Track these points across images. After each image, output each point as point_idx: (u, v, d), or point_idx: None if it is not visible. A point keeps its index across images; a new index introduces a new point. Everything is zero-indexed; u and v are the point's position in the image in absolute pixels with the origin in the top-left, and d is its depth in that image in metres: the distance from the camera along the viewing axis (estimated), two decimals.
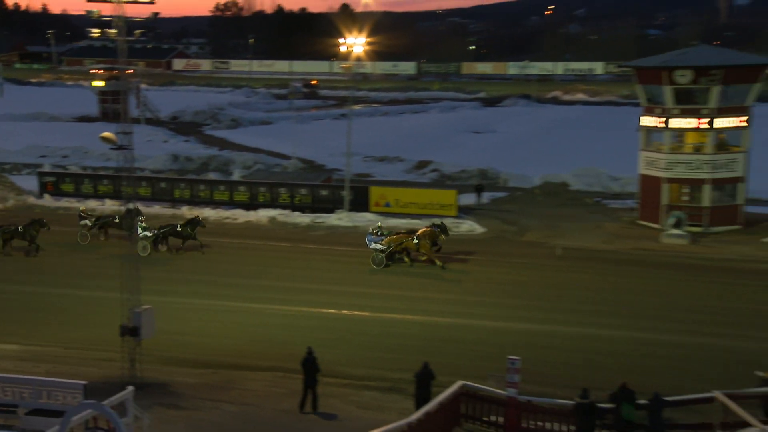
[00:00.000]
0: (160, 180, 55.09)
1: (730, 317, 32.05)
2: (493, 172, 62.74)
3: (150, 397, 24.35)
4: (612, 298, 34.40)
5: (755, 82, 45.41)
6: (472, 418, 23.33)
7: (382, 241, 38.74)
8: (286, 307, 33.15)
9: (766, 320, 31.59)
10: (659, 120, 45.87)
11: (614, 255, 41.11)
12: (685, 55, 47.43)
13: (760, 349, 28.21)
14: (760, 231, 44.31)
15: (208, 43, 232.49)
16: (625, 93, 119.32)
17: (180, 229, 41.18)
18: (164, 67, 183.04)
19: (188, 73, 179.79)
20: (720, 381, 23.81)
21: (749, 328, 30.78)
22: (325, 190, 51.06)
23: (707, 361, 27.67)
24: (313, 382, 24.09)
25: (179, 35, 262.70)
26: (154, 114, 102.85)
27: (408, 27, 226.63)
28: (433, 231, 38.74)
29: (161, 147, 79.19)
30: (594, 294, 34.97)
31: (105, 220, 43.54)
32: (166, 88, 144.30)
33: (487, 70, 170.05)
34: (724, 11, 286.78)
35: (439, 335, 29.99)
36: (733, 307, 33.23)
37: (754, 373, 23.75)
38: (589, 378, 22.44)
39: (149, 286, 28.41)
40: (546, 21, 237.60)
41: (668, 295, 34.71)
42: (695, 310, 32.91)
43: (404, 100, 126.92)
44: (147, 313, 25.85)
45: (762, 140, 51.02)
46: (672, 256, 40.25)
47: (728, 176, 45.32)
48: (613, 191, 57.26)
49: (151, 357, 26.71)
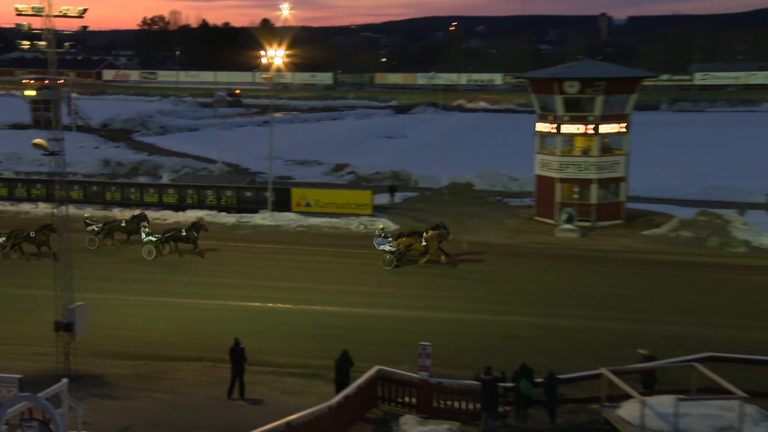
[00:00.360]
0: (92, 184, 53.84)
1: (614, 302, 32.86)
2: (405, 174, 63.01)
3: (84, 389, 23.86)
4: (512, 288, 34.92)
5: (633, 92, 46.71)
6: (388, 399, 23.46)
7: (391, 243, 38.05)
8: (214, 301, 32.75)
9: (645, 304, 32.50)
10: (552, 126, 46.67)
11: (514, 248, 41.72)
12: (572, 68, 48.38)
13: (640, 330, 29.09)
14: (639, 225, 45.55)
15: (137, 55, 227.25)
16: (522, 101, 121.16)
17: (185, 233, 40.04)
18: (94, 78, 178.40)
19: (118, 83, 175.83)
20: (606, 359, 24.34)
21: (631, 311, 31.64)
22: (250, 192, 50.61)
23: (595, 342, 28.31)
24: (240, 371, 23.90)
25: (109, 47, 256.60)
26: (85, 121, 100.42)
27: (324, 40, 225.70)
28: (441, 233, 38.12)
29: (93, 153, 77.18)
30: (496, 284, 35.44)
31: (111, 225, 42.18)
32: (97, 97, 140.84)
33: (398, 80, 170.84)
34: (605, 30, 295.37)
35: (356, 325, 30.02)
36: (617, 293, 34.08)
37: (637, 351, 24.44)
38: (492, 360, 22.77)
39: (85, 285, 27.84)
40: (450, 36, 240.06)
41: (561, 284, 35.41)
42: (585, 296, 33.69)
43: (322, 108, 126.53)
44: (80, 309, 25.37)
45: (639, 144, 52.56)
46: (565, 249, 41.02)
47: (612, 176, 46.36)
48: (513, 190, 58.04)
49: (85, 351, 26.19)
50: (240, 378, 23.94)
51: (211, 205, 49.79)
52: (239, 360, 23.84)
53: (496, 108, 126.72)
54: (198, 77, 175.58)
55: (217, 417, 22.62)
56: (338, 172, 66.59)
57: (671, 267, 37.78)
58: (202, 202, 50.11)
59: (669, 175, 58.71)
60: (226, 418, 22.45)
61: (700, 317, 30.78)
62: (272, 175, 51.37)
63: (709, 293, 34.00)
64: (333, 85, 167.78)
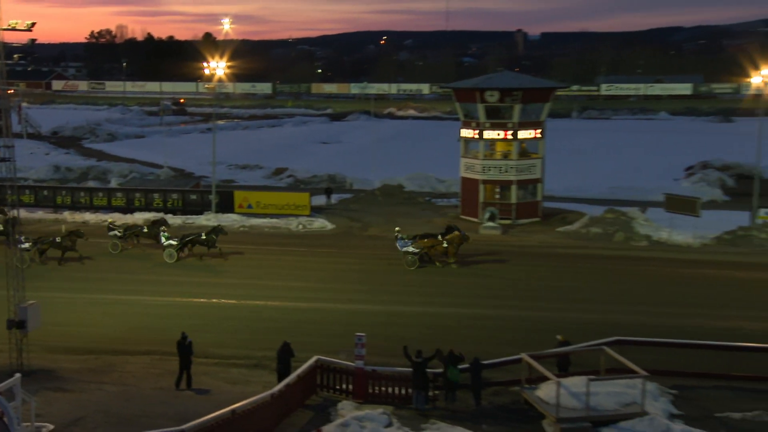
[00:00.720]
0: (42, 188, 52.32)
1: (532, 293, 33.35)
2: (340, 177, 62.87)
3: (37, 383, 23.21)
4: (440, 281, 35.14)
5: (547, 101, 47.47)
6: (327, 387, 23.38)
7: (413, 245, 37.40)
8: (162, 298, 32.19)
9: (560, 294, 33.05)
10: (474, 132, 47.11)
11: None
12: (492, 79, 48.91)
13: (556, 318, 29.57)
14: (555, 222, 46.30)
15: (85, 66, 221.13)
16: (448, 109, 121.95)
17: (204, 237, 38.77)
18: (44, 88, 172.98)
19: (67, 93, 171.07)
20: (525, 345, 24.69)
21: (547, 301, 32.15)
22: (195, 195, 49.85)
23: (515, 330, 28.66)
24: (187, 363, 23.51)
25: (58, 59, 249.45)
26: (35, 129, 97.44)
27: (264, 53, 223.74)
28: (461, 236, 37.59)
29: (43, 159, 74.91)
30: (425, 278, 35.61)
31: (133, 230, 40.80)
32: (47, 107, 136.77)
33: (333, 90, 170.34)
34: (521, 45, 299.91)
35: (297, 318, 29.84)
36: (535, 285, 34.58)
37: (555, 336, 24.82)
38: (423, 348, 22.84)
39: (37, 284, 27.09)
40: (380, 49, 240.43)
41: (485, 277, 35.77)
42: (506, 287, 34.12)
43: (262, 116, 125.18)
44: (32, 307, 24.71)
45: (553, 148, 53.45)
46: (488, 245, 41.31)
47: (530, 178, 47.04)
48: (440, 191, 58.34)
49: (37, 347, 25.46)
50: (187, 370, 23.54)
51: (158, 207, 48.83)
52: (186, 353, 23.46)
53: (424, 115, 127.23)
54: (144, 87, 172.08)
55: (166, 406, 22.21)
56: (278, 176, 66.11)
57: (583, 260, 38.50)
58: (150, 205, 49.12)
59: (580, 176, 59.81)
60: (174, 407, 22.06)
61: (608, 305, 31.45)
62: (216, 178, 50.79)
63: (615, 283, 34.76)
64: (272, 95, 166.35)
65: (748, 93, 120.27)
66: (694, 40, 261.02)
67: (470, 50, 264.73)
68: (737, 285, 34.40)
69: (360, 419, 20.92)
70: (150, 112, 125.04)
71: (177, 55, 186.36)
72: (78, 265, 37.41)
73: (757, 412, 21.76)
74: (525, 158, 46.89)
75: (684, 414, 21.74)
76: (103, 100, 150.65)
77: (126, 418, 21.41)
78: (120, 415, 21.61)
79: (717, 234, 42.05)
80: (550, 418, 20.96)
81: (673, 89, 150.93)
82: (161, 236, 38.62)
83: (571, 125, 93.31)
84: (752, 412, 21.77)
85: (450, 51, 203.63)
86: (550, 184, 50.09)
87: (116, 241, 40.00)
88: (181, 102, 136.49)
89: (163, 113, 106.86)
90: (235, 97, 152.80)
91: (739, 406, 22.16)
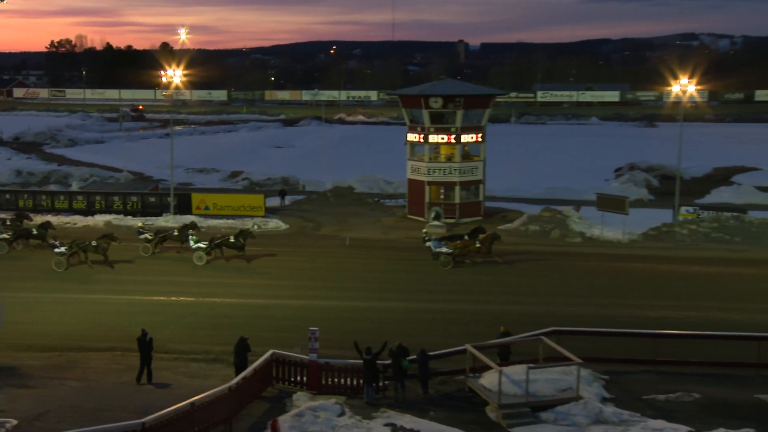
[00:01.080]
0: (4, 192, 50.93)
1: (475, 287, 33.58)
2: (293, 179, 62.46)
3: (0, 380, 22.61)
4: (389, 277, 35.16)
5: (487, 107, 47.88)
6: (282, 379, 23.22)
7: (447, 245, 37.25)
8: (123, 296, 31.57)
9: (501, 288, 33.40)
10: (420, 136, 47.26)
11: (390, 243, 42.02)
12: (436, 87, 49.15)
13: (497, 311, 29.83)
14: (496, 221, 46.64)
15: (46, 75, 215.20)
16: (394, 115, 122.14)
17: (233, 240, 37.93)
18: (5, 95, 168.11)
19: (28, 100, 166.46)
20: (469, 336, 24.86)
21: (489, 294, 32.44)
22: (153, 197, 49.00)
23: (460, 322, 28.75)
24: (148, 359, 23.11)
25: (19, 67, 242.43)
26: None
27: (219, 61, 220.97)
28: (493, 235, 37.87)
29: (5, 164, 72.88)
30: (376, 275, 35.60)
31: (164, 234, 39.48)
32: (8, 113, 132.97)
33: (286, 96, 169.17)
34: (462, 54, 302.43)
35: (253, 314, 29.56)
36: (477, 280, 34.85)
37: (500, 327, 24.92)
38: (372, 341, 22.84)
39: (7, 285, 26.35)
40: (330, 58, 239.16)
41: (431, 273, 35.88)
42: (452, 283, 34.28)
43: (218, 122, 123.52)
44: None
45: (493, 151, 54.01)
46: None
47: (472, 179, 47.38)
48: (388, 192, 58.40)
49: (1, 345, 24.84)
50: (148, 365, 23.14)
51: (118, 210, 47.95)
52: (147, 349, 23.06)
53: (372, 121, 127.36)
54: (103, 95, 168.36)
55: (127, 400, 21.80)
56: (234, 179, 65.44)
57: (521, 256, 38.86)
58: (110, 207, 48.16)
59: (519, 177, 60.43)
60: (136, 401, 21.65)
61: (545, 298, 31.85)
62: (174, 181, 50.03)
63: (552, 277, 35.21)
64: (227, 102, 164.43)
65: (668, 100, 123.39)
66: (620, 51, 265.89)
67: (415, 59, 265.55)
68: (662, 277, 35.19)
69: (314, 409, 20.86)
70: (110, 119, 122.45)
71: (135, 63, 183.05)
72: (38, 266, 36.40)
73: (679, 393, 22.31)
74: (467, 161, 47.20)
75: (615, 397, 22.16)
76: (63, 107, 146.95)
77: (89, 412, 20.93)
78: (83, 409, 21.13)
79: (644, 230, 42.95)
80: (492, 405, 21.15)
81: (602, 96, 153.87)
82: (190, 239, 38.02)
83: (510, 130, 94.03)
84: (675, 393, 22.32)
85: (396, 60, 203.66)
86: (491, 185, 50.55)
87: (146, 244, 38.96)
88: (140, 108, 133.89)
89: (123, 119, 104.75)
90: (191, 104, 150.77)
91: (664, 389, 22.69)
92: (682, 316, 29.05)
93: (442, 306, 30.82)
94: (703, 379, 23.43)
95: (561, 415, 20.64)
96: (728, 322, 28.16)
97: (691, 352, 24.68)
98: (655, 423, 20.13)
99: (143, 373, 23.12)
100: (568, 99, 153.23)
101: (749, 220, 42.83)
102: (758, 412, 21.14)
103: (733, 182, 62.19)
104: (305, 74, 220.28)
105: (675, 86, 49.43)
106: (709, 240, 41.64)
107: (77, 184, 59.08)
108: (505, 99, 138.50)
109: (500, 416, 20.67)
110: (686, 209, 46.64)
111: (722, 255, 39.13)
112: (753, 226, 42.30)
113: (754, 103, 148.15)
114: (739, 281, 34.53)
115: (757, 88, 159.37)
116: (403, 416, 20.73)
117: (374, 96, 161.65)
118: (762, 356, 23.83)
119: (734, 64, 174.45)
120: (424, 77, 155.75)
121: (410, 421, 20.49)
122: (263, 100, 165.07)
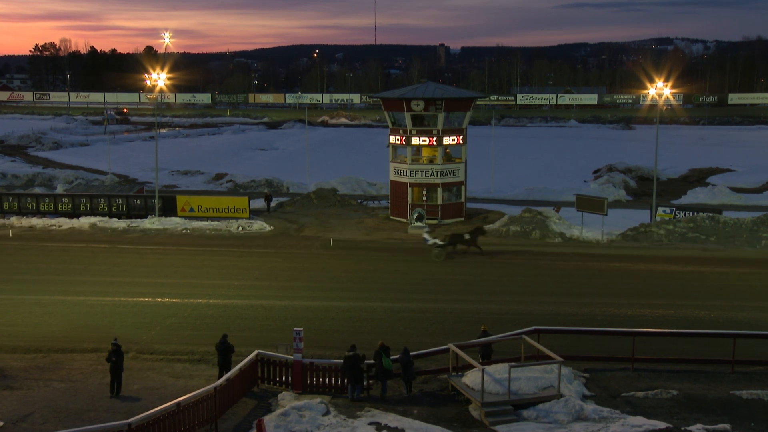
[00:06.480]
0: None
1: (457, 286, 33.57)
2: (277, 181, 62.27)
3: None
4: (371, 278, 35.06)
5: (468, 110, 47.99)
6: (267, 379, 23.07)
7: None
8: (107, 298, 31.21)
9: (483, 287, 33.40)
10: (402, 138, 47.25)
11: (373, 244, 41.95)
12: (417, 90, 49.08)
13: (479, 309, 29.83)
14: (477, 222, 46.54)
15: (30, 78, 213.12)
16: (377, 118, 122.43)
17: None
18: None
19: (12, 104, 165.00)
20: (451, 335, 24.84)
21: (471, 293, 32.42)
22: (138, 200, 48.58)
23: (442, 321, 28.67)
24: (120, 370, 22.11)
25: (2, 71, 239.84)
26: None
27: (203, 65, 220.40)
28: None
29: None
30: (358, 275, 35.49)
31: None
32: None
33: (269, 99, 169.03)
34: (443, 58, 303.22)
35: (237, 314, 29.36)
36: (458, 279, 34.84)
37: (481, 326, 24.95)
38: (356, 340, 22.76)
39: None
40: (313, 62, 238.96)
41: (414, 273, 35.85)
42: (433, 282, 34.23)
43: (202, 125, 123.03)
44: None
45: (474, 153, 54.12)
46: (416, 243, 41.21)
47: (454, 181, 47.47)
48: (371, 194, 58.40)
49: None
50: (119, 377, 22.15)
51: (103, 212, 47.52)
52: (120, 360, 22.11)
53: (355, 123, 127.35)
54: (88, 98, 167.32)
55: (112, 401, 21.55)
56: (218, 181, 65.13)
57: (503, 256, 38.98)
58: (95, 210, 47.71)
59: (499, 179, 60.71)
60: (121, 402, 21.41)
61: (527, 297, 31.90)
62: (159, 184, 49.61)
63: (533, 277, 35.29)
64: (211, 105, 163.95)
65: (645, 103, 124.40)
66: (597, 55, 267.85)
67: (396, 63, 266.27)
68: (640, 276, 35.38)
69: (299, 408, 20.74)
70: (94, 122, 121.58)
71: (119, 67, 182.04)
72: (20, 268, 35.96)
73: (657, 390, 22.39)
74: (449, 162, 47.26)
75: (595, 395, 22.22)
76: (48, 111, 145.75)
77: (74, 413, 20.70)
78: (68, 410, 20.88)
79: (622, 231, 43.20)
80: (475, 403, 21.13)
81: (580, 99, 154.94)
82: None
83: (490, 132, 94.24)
84: (653, 390, 22.40)
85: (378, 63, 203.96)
86: (472, 187, 50.67)
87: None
88: (125, 111, 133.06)
89: (107, 122, 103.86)
90: (176, 107, 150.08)
91: (642, 386, 22.77)
92: (658, 314, 29.22)
93: (424, 305, 30.71)
94: (680, 375, 23.55)
95: (542, 412, 20.66)
96: (704, 320, 28.40)
97: (668, 349, 24.84)
98: (634, 419, 20.19)
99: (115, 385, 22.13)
100: (547, 102, 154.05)
101: (723, 221, 43.18)
102: (734, 408, 21.28)
103: (708, 183, 62.82)
104: (288, 78, 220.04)
105: (651, 89, 49.78)
106: (685, 240, 41.95)
107: (62, 187, 58.54)
108: (485, 102, 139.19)
109: (483, 414, 20.65)
110: (663, 210, 46.99)
111: (698, 254, 39.44)
112: (727, 226, 42.66)
113: (727, 105, 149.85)
114: (714, 280, 34.80)
115: (730, 91, 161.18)
116: (387, 415, 20.66)
117: (356, 99, 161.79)
118: (737, 353, 23.99)
119: (707, 68, 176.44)
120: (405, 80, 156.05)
121: (394, 419, 20.43)
122: (247, 103, 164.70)
